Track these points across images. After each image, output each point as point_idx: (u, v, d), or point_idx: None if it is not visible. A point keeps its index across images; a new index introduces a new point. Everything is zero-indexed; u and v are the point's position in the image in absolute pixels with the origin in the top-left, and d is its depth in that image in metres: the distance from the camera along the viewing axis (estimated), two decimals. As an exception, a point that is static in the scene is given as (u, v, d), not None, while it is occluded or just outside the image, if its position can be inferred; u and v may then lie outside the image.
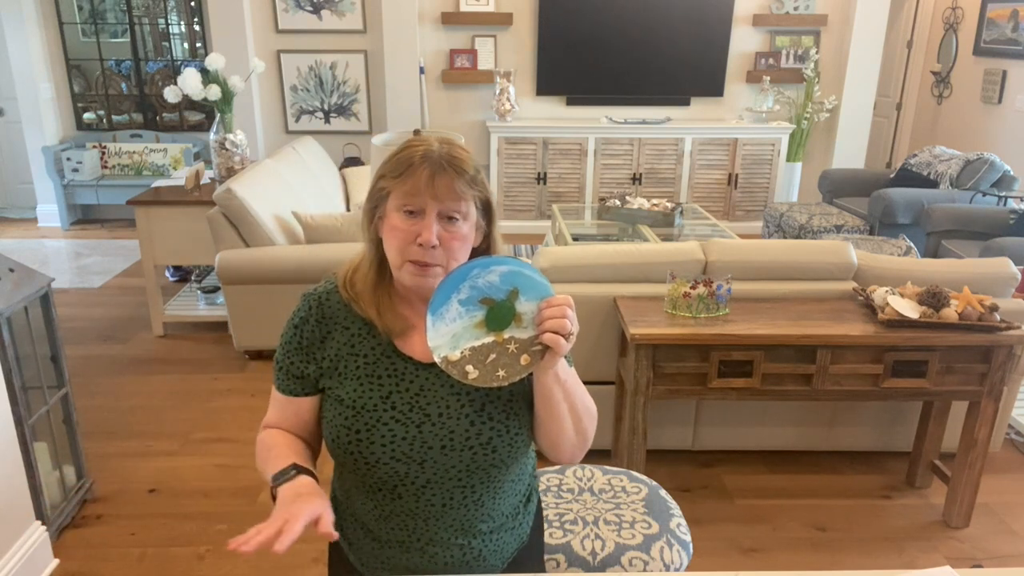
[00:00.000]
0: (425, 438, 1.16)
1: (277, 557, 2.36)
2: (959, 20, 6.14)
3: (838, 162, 5.94)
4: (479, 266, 1.06)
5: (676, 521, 1.72)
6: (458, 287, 1.06)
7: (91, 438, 2.98)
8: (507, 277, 1.06)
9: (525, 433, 1.20)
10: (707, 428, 2.84)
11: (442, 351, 1.06)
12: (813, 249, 2.72)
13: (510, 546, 1.30)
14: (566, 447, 1.20)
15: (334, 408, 1.19)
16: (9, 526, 2.14)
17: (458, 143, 1.18)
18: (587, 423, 1.20)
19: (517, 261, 1.08)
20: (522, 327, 1.07)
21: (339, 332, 1.21)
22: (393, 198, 1.14)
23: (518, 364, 1.07)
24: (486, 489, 1.22)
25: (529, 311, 1.07)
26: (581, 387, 1.21)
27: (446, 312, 1.06)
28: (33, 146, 5.90)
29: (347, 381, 1.19)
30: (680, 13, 5.63)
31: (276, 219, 3.64)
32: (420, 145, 1.14)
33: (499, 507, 1.26)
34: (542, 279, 1.08)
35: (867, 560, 2.40)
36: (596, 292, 2.64)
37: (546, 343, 1.05)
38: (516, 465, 1.24)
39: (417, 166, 1.11)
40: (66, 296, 4.55)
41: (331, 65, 5.72)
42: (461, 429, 1.16)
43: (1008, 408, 2.84)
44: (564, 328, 1.04)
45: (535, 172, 5.73)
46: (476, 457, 1.17)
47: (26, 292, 2.29)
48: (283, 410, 1.26)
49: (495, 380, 1.06)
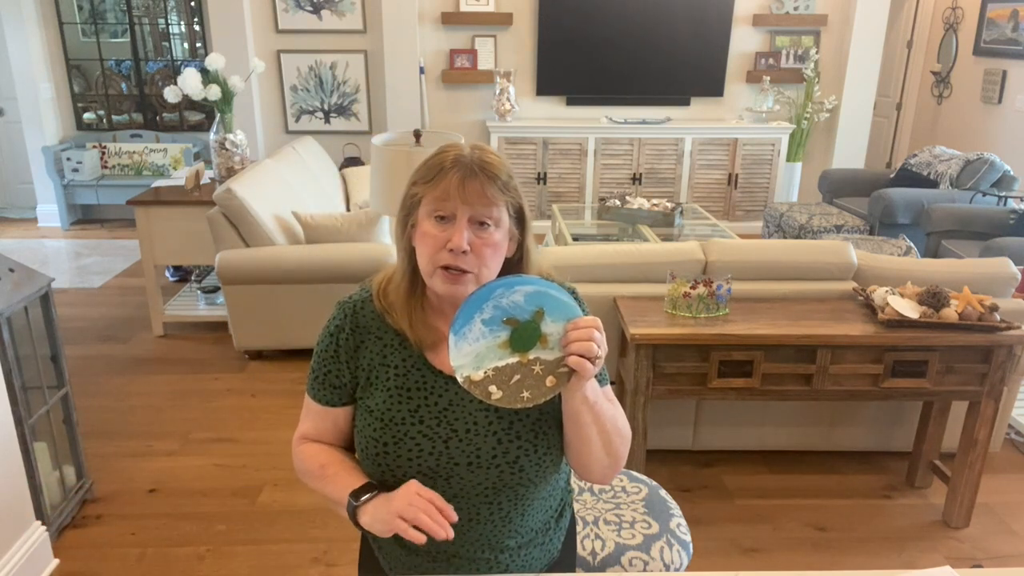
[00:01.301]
0: (452, 454, 1.15)
1: (277, 557, 2.36)
2: (959, 20, 6.14)
3: (838, 162, 5.94)
4: (503, 286, 1.04)
5: (676, 521, 1.72)
6: (481, 307, 1.03)
7: (91, 438, 2.98)
8: (532, 297, 1.04)
9: (554, 453, 1.18)
10: (707, 428, 2.84)
11: (464, 371, 1.04)
12: (813, 249, 2.72)
13: (539, 562, 1.29)
14: (596, 468, 1.17)
15: (364, 419, 1.18)
16: (9, 526, 2.14)
17: (491, 148, 1.16)
18: (619, 445, 1.17)
19: (543, 281, 1.06)
20: (548, 348, 1.04)
21: (372, 342, 1.19)
22: (424, 204, 1.12)
23: (543, 386, 1.04)
24: (514, 506, 1.20)
25: (556, 332, 1.04)
26: (614, 407, 1.18)
27: (469, 332, 1.04)
28: (33, 146, 5.90)
29: (377, 392, 1.18)
30: (680, 13, 5.63)
31: (276, 219, 3.64)
32: (451, 150, 1.12)
33: (528, 523, 1.24)
34: (570, 300, 1.06)
35: (867, 560, 2.40)
36: (596, 292, 2.64)
37: (572, 366, 1.02)
38: (545, 483, 1.22)
39: (448, 170, 1.09)
40: (66, 296, 4.55)
41: (331, 65, 5.72)
42: (488, 447, 1.15)
43: (1008, 408, 2.84)
44: (591, 351, 1.01)
45: (535, 172, 5.73)
46: (503, 475, 1.15)
47: (26, 292, 2.29)
48: (321, 421, 1.24)
49: (519, 401, 1.04)
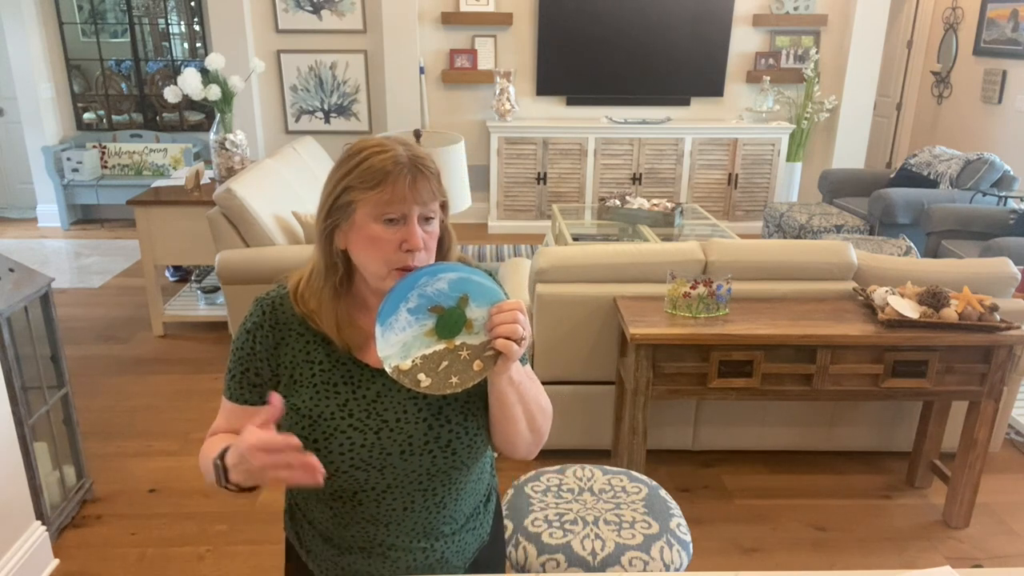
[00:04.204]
0: (384, 444, 1.15)
1: (277, 557, 2.36)
2: (959, 20, 6.14)
3: (838, 162, 5.94)
4: (427, 274, 1.05)
5: (676, 521, 1.72)
6: (406, 296, 1.04)
7: (91, 438, 2.98)
8: (456, 284, 1.05)
9: (484, 433, 1.20)
10: (707, 428, 2.84)
11: (392, 360, 1.04)
12: (813, 249, 2.72)
13: (471, 546, 1.30)
14: (521, 445, 1.19)
15: (290, 418, 1.16)
16: (9, 526, 2.14)
17: (411, 141, 1.16)
18: (541, 421, 1.20)
19: (466, 267, 1.06)
20: (473, 333, 1.06)
21: (293, 339, 1.18)
22: (366, 209, 1.09)
23: (471, 370, 1.05)
24: (447, 491, 1.21)
25: (480, 317, 1.06)
26: (536, 386, 1.20)
27: (395, 322, 1.04)
28: (33, 146, 5.90)
29: (302, 389, 1.16)
30: (680, 13, 5.63)
31: (276, 219, 3.64)
32: (383, 151, 1.10)
33: (460, 508, 1.26)
34: (492, 284, 1.07)
35: (867, 560, 2.40)
36: (596, 292, 2.64)
37: (498, 348, 1.04)
38: (476, 466, 1.24)
39: (396, 174, 1.08)
40: (66, 296, 4.55)
41: (331, 65, 5.72)
42: (419, 433, 1.16)
43: (1008, 408, 2.85)
44: (515, 333, 1.03)
45: (535, 172, 5.73)
46: (436, 460, 1.16)
47: (26, 292, 2.29)
48: (237, 420, 1.19)
49: (448, 387, 1.05)
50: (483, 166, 5.81)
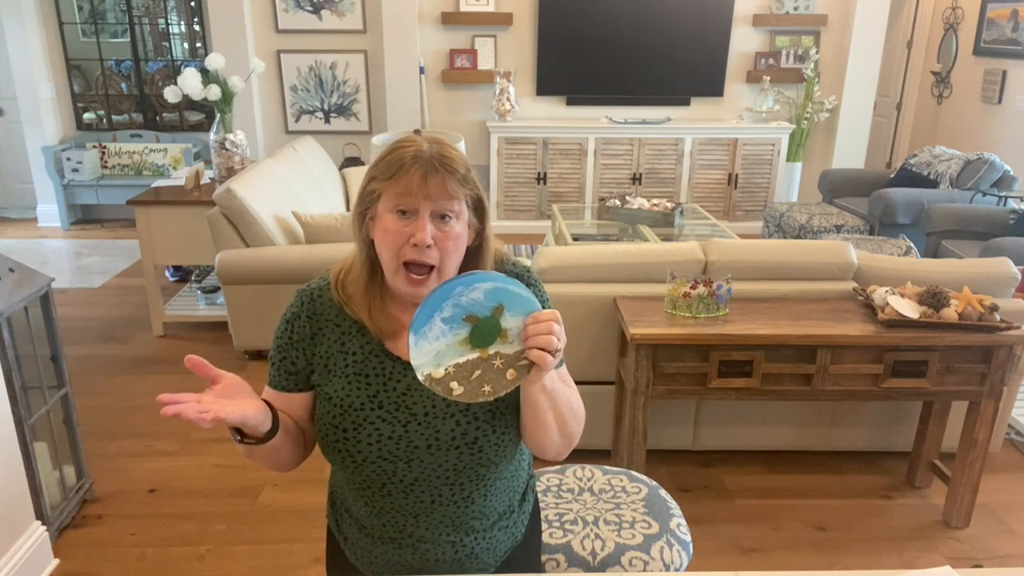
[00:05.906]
0: (411, 437, 1.17)
1: (277, 557, 2.36)
2: (959, 20, 6.14)
3: (838, 162, 5.94)
4: (462, 284, 1.04)
5: (676, 521, 1.72)
6: (441, 305, 1.04)
7: (91, 438, 2.98)
8: (491, 294, 1.04)
9: (512, 433, 1.20)
10: (707, 428, 2.84)
11: (425, 369, 1.05)
12: (813, 249, 2.72)
13: (503, 544, 1.31)
14: (551, 448, 1.20)
15: (323, 406, 1.20)
16: (9, 526, 2.14)
17: (448, 142, 1.17)
18: (573, 426, 1.20)
19: (502, 277, 1.06)
20: (508, 342, 1.06)
21: (330, 329, 1.21)
22: (385, 199, 1.13)
23: (504, 379, 1.06)
24: (475, 487, 1.22)
25: (515, 326, 1.05)
26: (569, 389, 1.20)
27: (429, 331, 1.04)
28: (33, 146, 5.90)
29: (336, 379, 1.20)
30: (680, 13, 5.63)
31: (276, 219, 3.64)
32: (410, 145, 1.13)
33: (492, 505, 1.26)
34: (528, 294, 1.06)
35: (867, 560, 2.40)
36: (596, 292, 2.64)
37: (532, 359, 1.04)
38: (507, 464, 1.24)
39: (409, 166, 1.10)
40: (66, 296, 4.55)
41: (331, 65, 5.72)
42: (447, 429, 1.17)
43: (1008, 408, 2.85)
44: (550, 344, 1.03)
45: (535, 172, 5.73)
46: (463, 456, 1.18)
47: (26, 292, 2.29)
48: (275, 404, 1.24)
49: (481, 395, 1.05)
50: (483, 166, 5.81)
